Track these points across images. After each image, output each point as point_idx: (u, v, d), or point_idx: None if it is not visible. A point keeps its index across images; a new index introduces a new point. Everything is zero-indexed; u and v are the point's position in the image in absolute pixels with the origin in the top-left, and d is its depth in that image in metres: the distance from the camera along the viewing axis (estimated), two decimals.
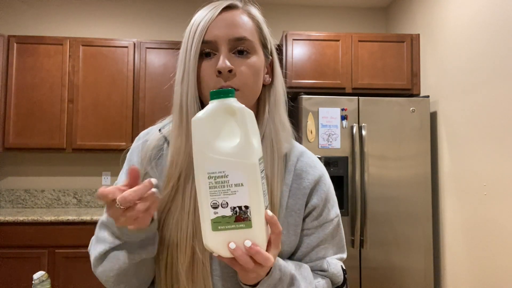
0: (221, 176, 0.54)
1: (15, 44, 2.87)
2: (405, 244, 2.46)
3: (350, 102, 2.50)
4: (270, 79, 0.76)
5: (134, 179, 0.57)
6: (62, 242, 2.59)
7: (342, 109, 2.49)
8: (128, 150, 0.80)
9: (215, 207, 0.55)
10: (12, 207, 3.11)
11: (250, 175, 0.54)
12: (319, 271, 0.74)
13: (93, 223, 2.61)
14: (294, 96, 2.63)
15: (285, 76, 2.69)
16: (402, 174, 2.49)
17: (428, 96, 2.56)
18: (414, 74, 2.75)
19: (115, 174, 3.23)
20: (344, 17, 3.52)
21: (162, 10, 3.37)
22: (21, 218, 2.56)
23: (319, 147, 2.46)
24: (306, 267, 0.72)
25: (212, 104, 0.56)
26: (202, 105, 0.69)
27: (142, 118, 2.96)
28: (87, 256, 2.81)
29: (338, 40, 2.74)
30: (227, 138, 0.55)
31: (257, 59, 0.70)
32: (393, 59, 2.75)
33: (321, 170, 0.78)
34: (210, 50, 0.68)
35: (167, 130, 0.75)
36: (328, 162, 2.45)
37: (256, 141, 0.56)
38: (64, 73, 2.91)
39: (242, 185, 0.54)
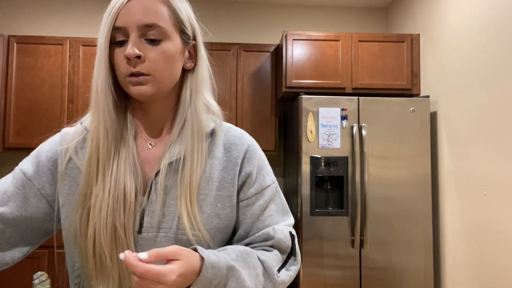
0: None
1: (15, 44, 2.87)
2: (405, 244, 2.46)
3: (350, 102, 2.50)
4: (193, 64, 0.77)
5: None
6: (62, 242, 2.58)
7: (342, 109, 2.49)
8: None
9: None
10: None
11: None
12: (267, 240, 0.75)
13: None
14: (294, 96, 2.63)
15: (284, 76, 2.69)
16: (402, 174, 2.49)
17: (428, 96, 2.56)
18: (414, 74, 2.75)
19: None
20: (344, 17, 3.52)
21: None
22: None
23: (319, 147, 2.46)
24: (251, 253, 0.71)
25: None
26: (120, 91, 0.73)
27: None
28: None
29: (338, 40, 2.74)
30: None
31: (170, 45, 0.70)
32: (393, 59, 2.75)
33: (250, 140, 0.81)
34: (123, 38, 0.68)
35: (88, 122, 0.77)
36: (328, 162, 2.45)
37: None
38: (64, 73, 2.91)
39: None
